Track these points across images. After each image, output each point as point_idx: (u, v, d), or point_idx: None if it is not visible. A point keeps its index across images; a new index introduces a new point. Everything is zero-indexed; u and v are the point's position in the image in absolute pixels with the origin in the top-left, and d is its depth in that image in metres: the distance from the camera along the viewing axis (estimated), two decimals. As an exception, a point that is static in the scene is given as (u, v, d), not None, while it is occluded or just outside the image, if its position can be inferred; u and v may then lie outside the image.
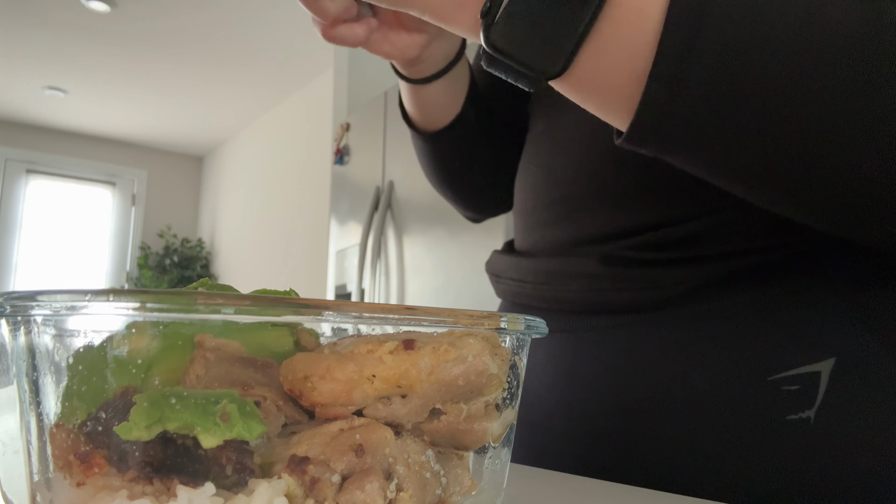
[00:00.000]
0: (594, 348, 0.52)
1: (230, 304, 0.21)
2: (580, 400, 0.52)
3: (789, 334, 0.44)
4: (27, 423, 0.22)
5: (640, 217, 0.50)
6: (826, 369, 0.42)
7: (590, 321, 0.53)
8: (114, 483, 0.21)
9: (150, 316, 0.21)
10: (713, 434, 0.45)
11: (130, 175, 5.62)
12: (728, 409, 0.45)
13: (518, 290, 0.59)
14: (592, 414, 0.51)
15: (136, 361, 0.22)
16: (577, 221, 0.54)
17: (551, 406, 0.55)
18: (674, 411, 0.47)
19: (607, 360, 0.51)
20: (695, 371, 0.46)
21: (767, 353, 0.44)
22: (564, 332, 0.54)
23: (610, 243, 0.51)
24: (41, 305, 0.21)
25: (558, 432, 0.54)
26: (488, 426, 0.27)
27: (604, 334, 0.52)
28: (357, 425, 0.24)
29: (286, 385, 0.25)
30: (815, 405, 0.42)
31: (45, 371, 0.22)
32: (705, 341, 0.46)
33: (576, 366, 0.53)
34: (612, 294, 0.51)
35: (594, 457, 0.51)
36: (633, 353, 0.50)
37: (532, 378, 0.57)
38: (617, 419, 0.50)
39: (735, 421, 0.44)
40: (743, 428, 0.44)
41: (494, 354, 0.26)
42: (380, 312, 0.24)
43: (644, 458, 0.48)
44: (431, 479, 0.25)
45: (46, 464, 0.22)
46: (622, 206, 0.51)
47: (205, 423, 0.22)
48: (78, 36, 3.78)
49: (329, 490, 0.23)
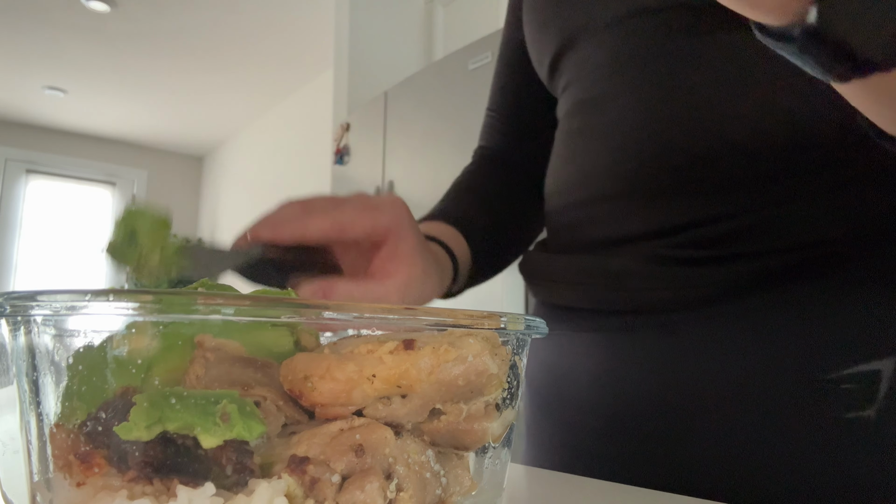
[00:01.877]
0: (634, 348, 0.51)
1: (230, 304, 0.21)
2: (620, 400, 0.51)
3: (846, 332, 0.43)
4: (27, 423, 0.22)
5: (679, 215, 0.49)
6: (888, 368, 0.41)
7: (629, 321, 0.52)
8: (114, 483, 0.21)
9: (150, 316, 0.21)
10: (762, 436, 0.44)
11: (130, 175, 5.62)
12: (780, 409, 0.44)
13: (554, 289, 0.58)
14: (633, 415, 0.51)
15: (136, 361, 0.22)
16: (615, 220, 0.53)
17: (589, 406, 0.54)
18: (720, 412, 0.46)
19: (648, 360, 0.50)
20: (741, 371, 0.45)
21: (822, 352, 0.43)
22: (603, 331, 0.53)
23: (649, 242, 0.50)
24: (41, 305, 0.21)
25: (596, 432, 0.53)
26: (488, 426, 0.27)
27: (645, 334, 0.51)
28: (357, 425, 0.24)
29: (286, 385, 0.25)
30: (875, 404, 0.41)
31: (45, 371, 0.22)
32: (753, 340, 0.45)
33: (615, 366, 0.52)
34: (651, 293, 0.49)
35: (634, 458, 0.50)
36: (675, 353, 0.49)
37: (569, 378, 0.56)
38: (659, 420, 0.49)
39: (788, 421, 0.43)
40: (797, 428, 0.43)
41: (494, 354, 0.26)
42: (380, 313, 0.24)
43: (688, 461, 0.47)
44: (431, 480, 0.25)
45: (46, 464, 0.22)
46: (661, 205, 0.50)
47: (205, 423, 0.22)
48: (78, 36, 3.77)
49: (329, 490, 0.23)
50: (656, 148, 0.50)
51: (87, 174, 5.44)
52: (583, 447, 0.54)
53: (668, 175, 0.49)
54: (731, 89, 0.47)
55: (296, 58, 4.02)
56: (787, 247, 0.44)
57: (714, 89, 0.48)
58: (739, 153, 0.46)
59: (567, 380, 0.56)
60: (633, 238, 0.51)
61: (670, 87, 0.50)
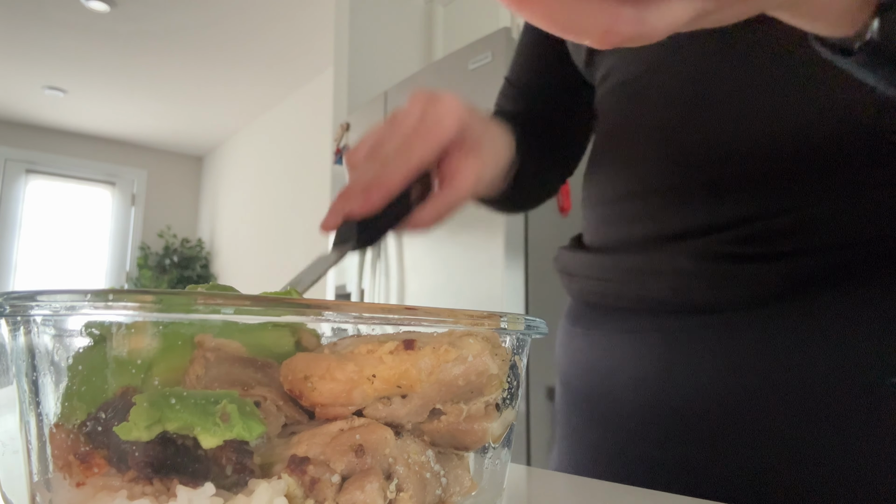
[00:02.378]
0: (686, 350, 0.49)
1: (230, 304, 0.21)
2: (670, 404, 0.49)
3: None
4: (27, 423, 0.22)
5: (735, 209, 0.46)
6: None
7: (681, 321, 0.49)
8: (113, 483, 0.21)
9: (150, 316, 0.21)
10: (824, 441, 0.42)
11: (130, 175, 5.62)
12: (843, 415, 0.41)
13: (596, 288, 0.56)
14: (684, 419, 0.48)
15: (136, 361, 0.22)
16: (664, 215, 0.50)
17: (636, 410, 0.52)
18: (779, 417, 0.44)
19: (701, 362, 0.47)
20: (803, 373, 0.43)
21: (888, 353, 0.41)
22: (652, 332, 0.51)
23: (702, 238, 0.48)
24: (41, 305, 0.21)
25: (644, 437, 0.51)
26: (488, 426, 0.27)
27: (698, 334, 0.48)
28: (357, 425, 0.24)
29: (286, 385, 0.25)
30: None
31: (45, 371, 0.22)
32: (816, 341, 0.43)
33: (665, 368, 0.50)
34: (705, 292, 0.47)
35: (686, 464, 0.48)
36: (731, 355, 0.46)
37: (612, 380, 0.54)
38: (712, 425, 0.47)
39: (851, 428, 0.41)
40: (860, 436, 0.41)
41: (494, 355, 0.26)
42: (380, 312, 0.24)
43: (740, 468, 0.45)
44: (431, 480, 0.25)
45: (46, 464, 0.22)
46: (716, 199, 0.47)
47: (205, 423, 0.22)
48: (78, 36, 3.77)
49: (329, 490, 0.23)
50: (706, 139, 0.48)
51: (87, 174, 5.44)
52: (628, 452, 0.52)
53: (720, 167, 0.47)
54: (783, 78, 0.45)
55: (296, 58, 4.02)
56: (850, 242, 0.42)
57: (765, 78, 0.45)
58: (795, 143, 0.44)
59: (609, 382, 0.54)
60: (683, 234, 0.49)
61: (719, 77, 0.47)
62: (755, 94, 0.46)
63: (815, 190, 0.43)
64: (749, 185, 0.46)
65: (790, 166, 0.44)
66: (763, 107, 0.45)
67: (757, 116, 0.46)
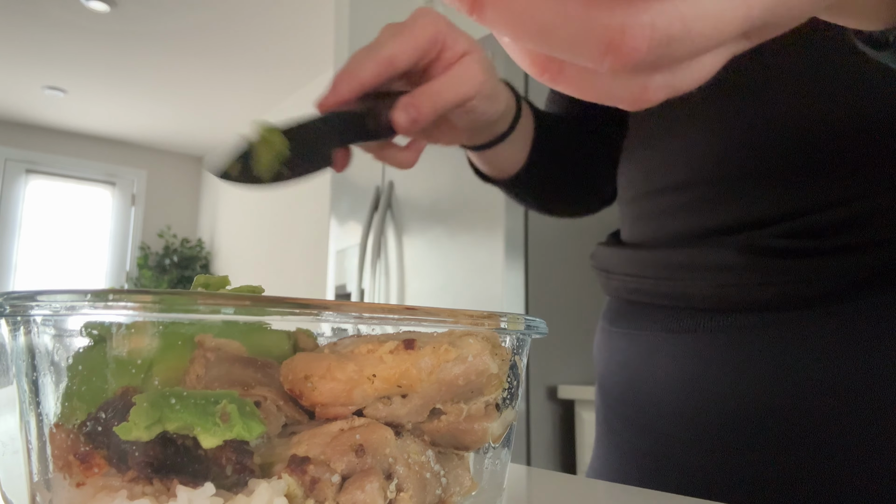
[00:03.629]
0: (730, 350, 0.46)
1: (230, 304, 0.21)
2: (711, 408, 0.47)
3: None
4: (27, 423, 0.22)
5: (786, 201, 0.44)
6: None
7: (725, 320, 0.47)
8: (113, 483, 0.21)
9: (151, 316, 0.21)
10: (877, 448, 0.40)
11: (130, 175, 5.62)
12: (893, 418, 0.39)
13: (635, 285, 0.54)
14: (726, 424, 0.46)
15: (136, 361, 0.22)
16: (708, 208, 0.48)
17: (675, 413, 0.49)
18: (829, 423, 0.41)
19: (746, 364, 0.45)
20: (857, 377, 0.41)
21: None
22: (693, 332, 0.49)
23: (751, 231, 0.45)
24: (41, 305, 0.21)
25: (682, 442, 0.49)
26: (488, 426, 0.27)
27: (743, 335, 0.46)
28: (357, 425, 0.24)
29: (286, 385, 0.25)
30: None
31: (45, 371, 0.22)
32: (870, 342, 0.41)
33: (707, 370, 0.47)
34: (754, 289, 0.44)
35: (725, 471, 0.46)
36: (779, 357, 0.44)
37: (652, 381, 0.51)
38: (756, 431, 0.44)
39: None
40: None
41: (494, 354, 0.26)
42: (380, 312, 0.24)
43: (787, 474, 0.43)
44: (432, 480, 0.25)
45: (46, 464, 0.22)
46: (764, 190, 0.45)
47: (204, 423, 0.22)
48: (78, 36, 3.77)
49: (329, 490, 0.23)
50: (751, 127, 0.46)
51: (87, 174, 5.44)
52: (670, 458, 0.50)
53: (766, 157, 0.45)
54: (837, 61, 0.43)
55: (296, 58, 4.02)
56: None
57: (817, 61, 0.43)
58: (850, 130, 0.42)
59: (648, 383, 0.52)
60: (727, 228, 0.47)
61: (765, 62, 0.45)
62: (805, 79, 0.44)
63: (872, 180, 0.41)
64: (799, 176, 0.44)
65: (844, 155, 0.42)
66: (814, 92, 0.43)
67: (807, 102, 0.43)
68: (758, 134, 0.45)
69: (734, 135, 0.47)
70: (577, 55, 0.17)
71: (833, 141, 0.43)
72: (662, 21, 0.16)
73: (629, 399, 0.54)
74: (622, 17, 0.16)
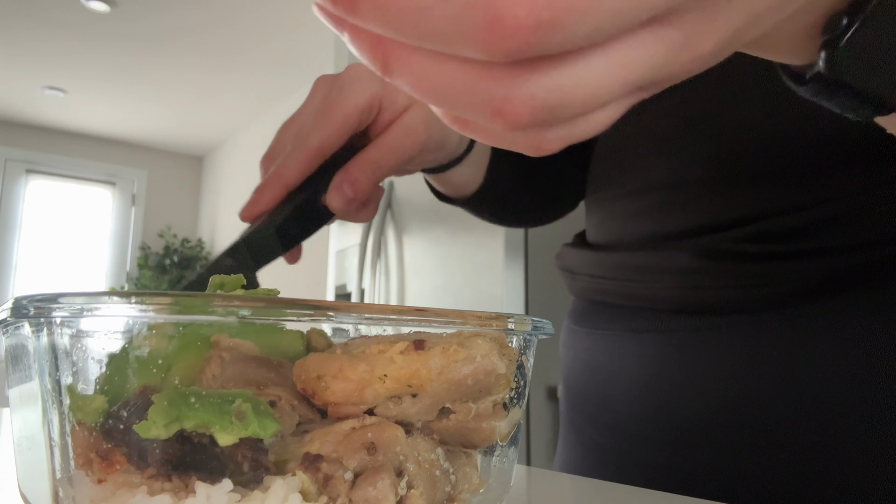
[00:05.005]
0: (689, 351, 0.47)
1: (246, 306, 0.22)
2: (672, 407, 0.48)
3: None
4: (49, 421, 0.22)
5: (745, 205, 0.45)
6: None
7: (684, 321, 0.48)
8: (133, 480, 0.22)
9: (171, 318, 0.22)
10: (831, 449, 0.41)
11: (130, 175, 5.62)
12: (853, 421, 0.40)
13: (598, 286, 0.55)
14: (686, 423, 0.47)
15: (156, 361, 0.23)
16: (672, 211, 0.49)
17: (637, 412, 0.50)
18: (785, 423, 0.42)
19: (705, 364, 0.46)
20: (812, 378, 0.42)
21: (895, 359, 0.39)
22: (654, 332, 0.49)
23: (711, 235, 0.46)
24: (63, 307, 0.22)
25: (646, 440, 0.49)
26: (496, 425, 0.27)
27: (702, 336, 0.47)
28: (368, 424, 0.25)
29: (299, 384, 0.25)
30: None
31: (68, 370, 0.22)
32: (824, 345, 0.41)
33: (667, 370, 0.48)
34: (711, 291, 0.46)
35: (688, 469, 0.47)
36: (734, 358, 0.45)
37: (614, 380, 0.52)
38: (714, 430, 0.45)
39: (861, 435, 0.40)
40: (871, 444, 0.39)
41: (502, 355, 0.26)
42: (392, 314, 0.25)
43: (747, 474, 0.44)
44: (441, 477, 0.26)
45: (68, 461, 0.22)
46: (725, 194, 0.46)
47: (221, 421, 0.22)
48: (78, 36, 3.78)
49: (342, 487, 0.23)
50: (715, 134, 0.46)
51: (87, 174, 5.44)
52: (628, 455, 0.51)
53: (727, 163, 0.45)
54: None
55: (296, 58, 4.02)
56: (865, 242, 0.40)
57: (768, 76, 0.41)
58: (809, 138, 0.42)
59: (611, 382, 0.53)
60: (686, 232, 0.48)
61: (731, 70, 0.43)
62: (758, 91, 0.44)
63: (824, 189, 0.42)
64: (753, 183, 0.44)
65: (797, 163, 0.43)
66: (767, 102, 0.44)
67: (760, 113, 0.44)
68: (713, 143, 0.46)
69: (690, 143, 0.48)
70: (473, 117, 0.18)
71: (786, 150, 0.43)
72: (541, 92, 0.17)
73: (592, 397, 0.55)
74: (504, 90, 0.17)
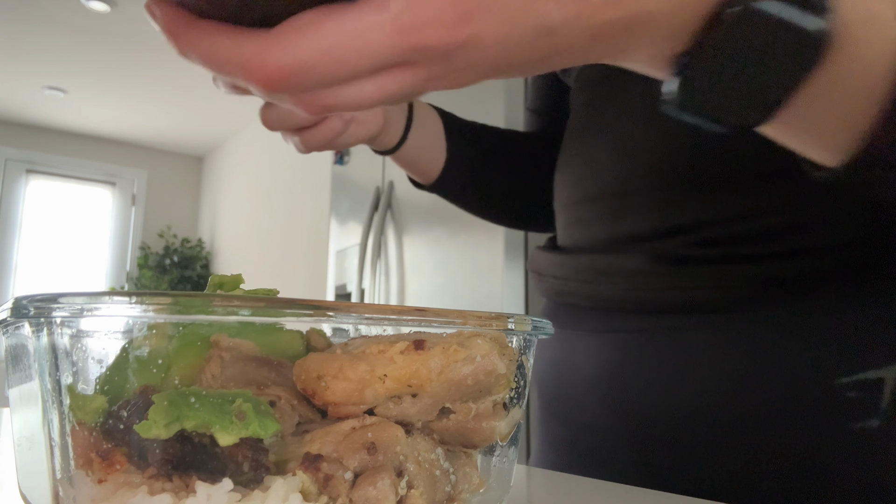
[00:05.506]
0: (642, 349, 0.50)
1: (246, 306, 0.22)
2: (628, 403, 0.50)
3: (852, 338, 0.41)
4: (49, 421, 0.22)
5: (693, 213, 0.47)
6: (891, 376, 0.40)
7: (637, 321, 0.50)
8: (134, 480, 0.22)
9: (171, 318, 0.22)
10: (772, 443, 0.43)
11: (130, 175, 5.62)
12: (789, 416, 0.43)
13: (561, 287, 0.58)
14: (641, 417, 0.49)
15: (156, 361, 0.23)
16: (624, 217, 0.52)
17: (596, 407, 0.53)
18: (729, 417, 0.45)
19: (656, 362, 0.49)
20: (752, 376, 0.44)
21: (829, 358, 0.42)
22: (609, 331, 0.52)
23: (661, 240, 0.49)
24: (63, 307, 0.22)
25: (605, 434, 0.52)
26: (496, 425, 0.27)
27: (652, 335, 0.49)
28: (369, 424, 0.25)
29: (299, 384, 0.25)
30: (879, 413, 0.40)
31: (68, 370, 0.22)
32: (764, 344, 0.44)
33: (622, 367, 0.51)
34: (662, 294, 0.48)
35: (644, 462, 0.49)
36: (683, 357, 0.47)
37: (578, 378, 0.55)
38: (667, 424, 0.48)
39: (796, 429, 0.42)
40: (804, 437, 0.42)
41: (502, 355, 0.26)
42: (392, 314, 0.25)
43: (697, 466, 0.46)
44: (441, 477, 0.26)
45: (68, 461, 0.22)
46: (676, 202, 0.48)
47: (221, 421, 0.22)
48: (78, 36, 3.78)
49: (342, 487, 0.23)
50: (668, 141, 0.49)
51: (87, 174, 5.44)
52: (591, 449, 0.53)
53: (681, 170, 0.48)
54: None
55: (296, 58, 4.02)
56: (805, 249, 0.43)
57: None
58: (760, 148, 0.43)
59: (574, 379, 0.55)
60: (640, 236, 0.50)
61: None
62: None
63: (768, 197, 0.44)
64: (702, 190, 0.47)
65: (749, 171, 0.45)
66: None
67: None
68: (669, 150, 0.49)
69: (651, 147, 0.50)
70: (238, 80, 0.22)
71: (732, 159, 0.46)
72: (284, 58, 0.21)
73: (559, 395, 0.58)
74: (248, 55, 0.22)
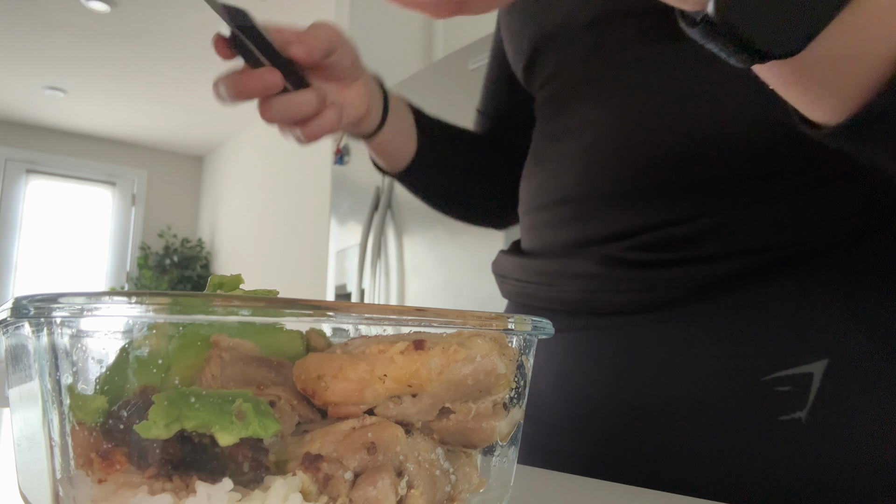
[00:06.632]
0: (594, 348, 0.53)
1: (246, 306, 0.22)
2: (582, 399, 0.53)
3: (783, 335, 0.45)
4: (49, 421, 0.22)
5: (638, 219, 0.51)
6: (818, 370, 0.43)
7: (589, 321, 0.54)
8: (134, 480, 0.22)
9: (171, 318, 0.22)
10: (710, 434, 0.46)
11: (130, 175, 5.62)
12: (724, 409, 0.46)
13: (522, 290, 0.60)
14: (594, 413, 0.52)
15: (156, 361, 0.23)
16: (579, 222, 0.55)
17: (555, 404, 0.56)
18: (672, 411, 0.48)
19: (606, 360, 0.52)
20: (692, 372, 0.47)
21: (762, 354, 0.45)
22: (565, 332, 0.55)
23: (609, 244, 0.52)
24: (63, 307, 0.22)
25: (563, 430, 0.55)
26: (496, 425, 0.27)
27: (603, 335, 0.52)
28: (369, 424, 0.25)
29: (299, 384, 0.25)
30: (806, 406, 0.43)
31: (68, 370, 0.22)
32: (702, 342, 0.47)
33: (577, 365, 0.54)
34: (610, 295, 0.51)
35: (597, 455, 0.52)
36: (631, 354, 0.50)
37: (539, 378, 0.58)
38: (618, 419, 0.51)
39: (731, 421, 0.45)
40: (738, 428, 0.45)
41: (502, 354, 0.26)
42: (392, 314, 0.25)
43: (645, 458, 0.49)
44: (441, 477, 0.26)
45: (69, 461, 0.22)
46: (622, 208, 0.52)
47: (221, 421, 0.22)
48: (78, 36, 3.78)
49: (342, 487, 0.23)
50: (619, 152, 0.52)
51: (87, 174, 5.44)
52: (554, 445, 0.56)
53: (630, 179, 0.51)
54: (700, 96, 0.49)
55: (296, 58, 4.02)
56: (740, 251, 0.46)
57: (682, 96, 0.50)
58: (701, 157, 0.48)
59: (536, 380, 0.58)
60: (594, 241, 0.53)
61: (640, 93, 0.52)
62: (671, 114, 0.50)
63: (707, 202, 0.48)
64: (648, 197, 0.50)
65: (692, 178, 0.49)
66: (675, 125, 0.50)
67: (668, 133, 0.50)
68: (622, 158, 0.52)
69: (604, 157, 0.53)
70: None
71: (676, 167, 0.49)
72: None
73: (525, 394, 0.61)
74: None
